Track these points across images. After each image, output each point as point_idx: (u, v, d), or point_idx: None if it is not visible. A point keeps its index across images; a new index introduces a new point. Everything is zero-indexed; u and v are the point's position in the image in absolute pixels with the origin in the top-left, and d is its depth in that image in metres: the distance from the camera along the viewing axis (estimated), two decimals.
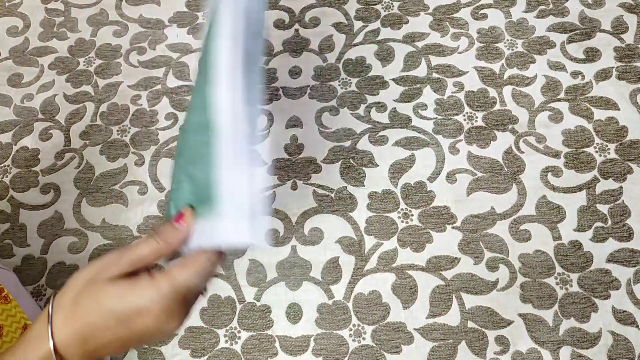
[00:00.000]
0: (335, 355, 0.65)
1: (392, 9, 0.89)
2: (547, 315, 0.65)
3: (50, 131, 0.81)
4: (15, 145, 0.80)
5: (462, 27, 0.87)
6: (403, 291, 0.68)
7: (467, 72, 0.82)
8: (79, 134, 0.80)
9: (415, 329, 0.66)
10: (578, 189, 0.73)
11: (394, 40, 0.86)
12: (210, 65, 0.41)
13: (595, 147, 0.75)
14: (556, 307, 0.66)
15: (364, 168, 0.76)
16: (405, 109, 0.79)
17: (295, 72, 0.84)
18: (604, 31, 0.85)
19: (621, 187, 0.73)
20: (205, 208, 0.40)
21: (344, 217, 0.72)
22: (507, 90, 0.80)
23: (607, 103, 0.79)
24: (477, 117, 0.79)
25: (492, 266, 0.69)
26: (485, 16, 0.87)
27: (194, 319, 0.67)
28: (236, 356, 0.65)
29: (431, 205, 0.73)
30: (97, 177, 0.77)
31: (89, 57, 0.87)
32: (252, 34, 0.43)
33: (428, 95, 0.81)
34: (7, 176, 0.77)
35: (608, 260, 0.68)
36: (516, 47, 0.84)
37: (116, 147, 0.79)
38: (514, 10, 0.88)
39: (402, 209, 0.73)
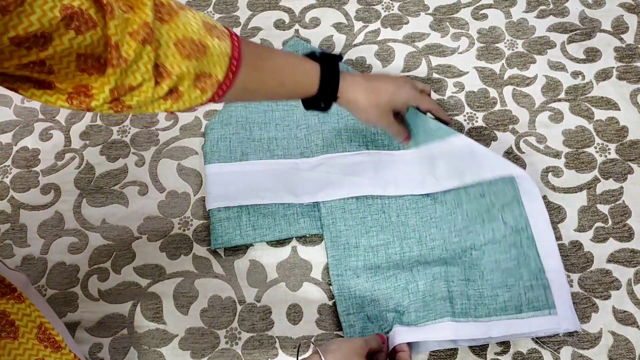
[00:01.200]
0: None
1: (393, 10, 0.89)
2: None
3: (51, 131, 0.81)
4: (16, 145, 0.80)
5: (463, 27, 0.87)
6: None
7: (468, 72, 0.82)
8: (79, 134, 0.80)
9: None
10: (579, 189, 0.73)
11: (394, 40, 0.86)
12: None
13: (595, 147, 0.75)
14: None
15: None
16: None
17: None
18: (604, 31, 0.85)
19: (622, 187, 0.72)
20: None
21: None
22: (508, 91, 0.80)
23: (607, 103, 0.78)
24: (477, 118, 0.78)
25: None
26: (485, 16, 0.87)
27: (193, 320, 0.67)
28: (237, 357, 0.65)
29: None
30: (97, 177, 0.77)
31: None
32: None
33: None
34: (7, 176, 0.77)
35: (608, 261, 0.68)
36: (516, 47, 0.84)
37: (116, 148, 0.79)
38: (514, 10, 0.88)
39: None
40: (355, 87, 0.62)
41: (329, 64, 0.60)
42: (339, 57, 0.63)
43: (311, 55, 0.61)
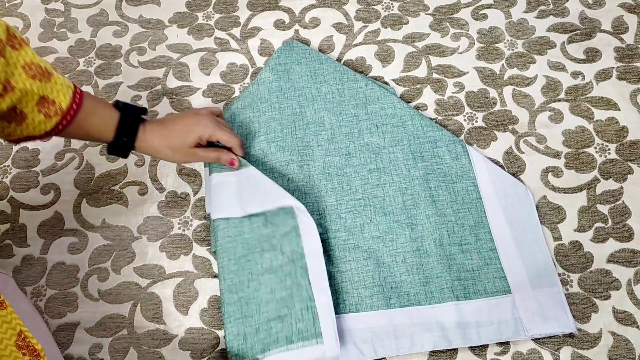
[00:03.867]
0: None
1: (392, 10, 0.89)
2: None
3: None
4: (16, 145, 0.80)
5: (462, 27, 0.87)
6: None
7: (468, 72, 0.82)
8: None
9: None
10: (578, 189, 0.73)
11: (394, 40, 0.86)
12: None
13: (595, 148, 0.75)
14: None
15: None
16: None
17: None
18: (604, 31, 0.85)
19: (621, 188, 0.72)
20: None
21: None
22: (508, 91, 0.80)
23: (607, 103, 0.78)
24: (477, 118, 0.78)
25: None
26: (485, 16, 0.87)
27: (193, 320, 0.67)
28: None
29: None
30: (97, 177, 0.77)
31: (89, 58, 0.87)
32: None
33: (428, 96, 0.81)
34: (7, 176, 0.77)
35: (608, 261, 0.68)
36: (516, 48, 0.84)
37: None
38: (514, 10, 0.88)
39: None
40: (151, 135, 0.64)
41: (128, 114, 0.63)
42: (143, 110, 0.65)
43: (116, 105, 0.64)
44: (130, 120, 0.63)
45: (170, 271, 0.70)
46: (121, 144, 0.63)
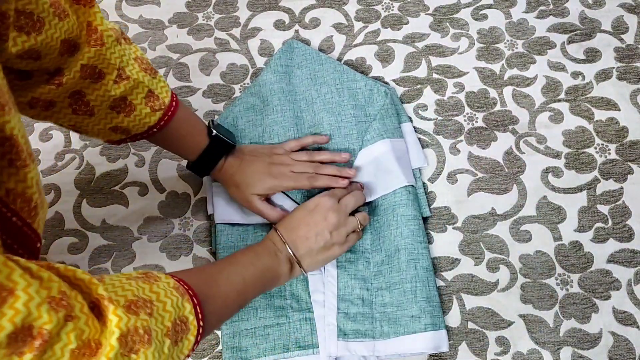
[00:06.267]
0: None
1: (392, 10, 0.89)
2: (548, 315, 0.65)
3: (51, 132, 0.81)
4: (118, 145, 0.80)
5: (463, 27, 0.87)
6: None
7: (468, 72, 0.82)
8: (79, 134, 0.80)
9: None
10: (579, 189, 0.73)
11: (394, 41, 0.86)
12: None
13: (595, 148, 0.75)
14: (557, 307, 0.66)
15: None
16: (406, 109, 0.80)
17: None
18: (604, 31, 0.85)
19: (622, 188, 0.72)
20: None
21: None
22: (508, 91, 0.80)
23: (607, 103, 0.79)
24: (477, 118, 0.79)
25: (492, 267, 0.68)
26: (485, 17, 0.87)
27: None
28: None
29: (432, 206, 0.73)
30: (97, 178, 0.77)
31: None
32: None
33: (428, 96, 0.81)
34: None
35: (609, 261, 0.68)
36: (516, 48, 0.84)
37: (116, 148, 0.79)
38: (514, 10, 0.88)
39: None
40: (227, 171, 0.67)
41: (216, 145, 0.66)
42: (232, 144, 0.67)
43: (209, 127, 0.66)
44: (215, 153, 0.66)
45: (171, 271, 0.70)
46: (198, 169, 0.67)
